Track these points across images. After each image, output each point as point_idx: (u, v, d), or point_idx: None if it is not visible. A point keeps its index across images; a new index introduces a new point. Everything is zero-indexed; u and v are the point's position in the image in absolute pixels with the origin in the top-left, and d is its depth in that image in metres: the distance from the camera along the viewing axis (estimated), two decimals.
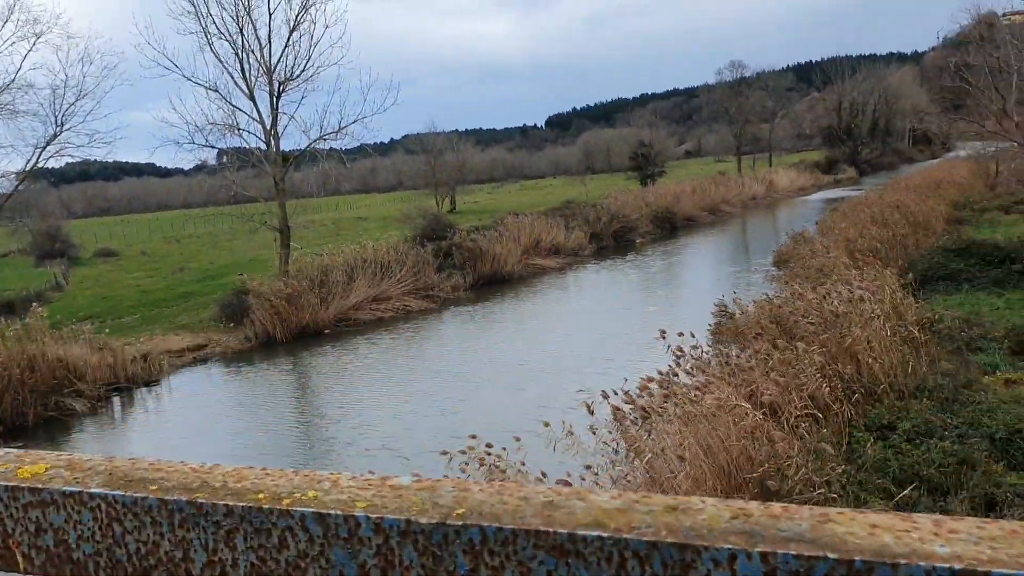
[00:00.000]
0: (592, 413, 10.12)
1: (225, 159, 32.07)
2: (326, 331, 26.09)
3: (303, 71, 25.74)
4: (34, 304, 22.82)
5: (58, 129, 23.89)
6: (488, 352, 21.58)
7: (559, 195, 76.91)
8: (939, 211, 31.05)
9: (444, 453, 9.03)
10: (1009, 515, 7.35)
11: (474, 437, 9.05)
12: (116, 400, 20.30)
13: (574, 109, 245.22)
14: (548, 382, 17.97)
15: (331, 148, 26.48)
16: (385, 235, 44.41)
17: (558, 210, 47.34)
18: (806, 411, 8.97)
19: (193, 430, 17.25)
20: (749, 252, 37.84)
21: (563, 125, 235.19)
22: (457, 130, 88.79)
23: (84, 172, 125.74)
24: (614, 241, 42.85)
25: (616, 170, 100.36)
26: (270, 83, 25.74)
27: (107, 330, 23.78)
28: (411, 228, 41.81)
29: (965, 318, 14.94)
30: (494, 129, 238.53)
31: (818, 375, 9.50)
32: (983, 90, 20.96)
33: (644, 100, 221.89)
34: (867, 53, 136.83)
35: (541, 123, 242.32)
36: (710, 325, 18.03)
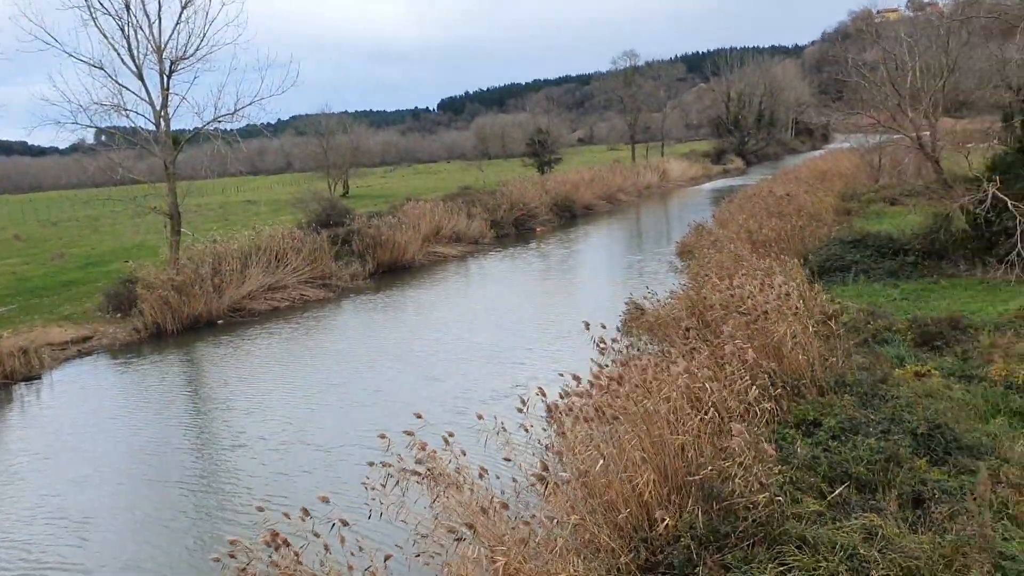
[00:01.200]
0: (523, 409, 9.86)
1: (103, 138, 30.31)
2: (219, 321, 25.03)
3: (196, 50, 24.46)
4: None
5: None
6: (397, 342, 21.01)
7: (454, 180, 76.37)
8: (828, 202, 32.08)
9: (382, 436, 8.64)
10: (936, 511, 7.44)
11: (411, 434, 8.67)
12: None
13: (467, 93, 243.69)
14: (465, 372, 17.69)
15: (226, 129, 25.21)
16: (277, 220, 43.02)
17: (457, 196, 46.84)
18: (740, 409, 8.92)
19: (82, 427, 16.14)
20: (649, 241, 38.30)
21: (456, 109, 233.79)
22: (347, 112, 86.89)
23: None
24: (515, 229, 42.80)
25: (511, 155, 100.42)
26: (160, 62, 24.34)
27: None
28: (305, 213, 40.62)
29: (869, 310, 15.31)
30: (385, 111, 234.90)
31: (746, 372, 9.46)
32: (879, 85, 21.61)
33: (537, 86, 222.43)
34: (751, 45, 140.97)
35: (433, 106, 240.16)
36: (621, 315, 18.00)
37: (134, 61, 24.04)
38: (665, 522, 7.33)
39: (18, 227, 56.71)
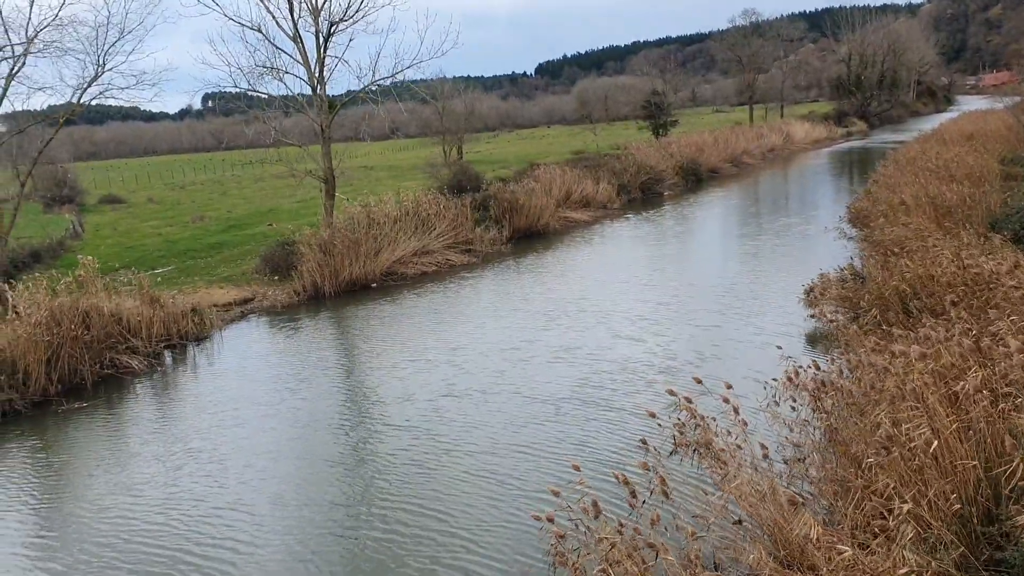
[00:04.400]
0: (794, 383, 9.34)
1: (210, 104, 30.64)
2: (373, 285, 25.11)
3: (357, 11, 24.22)
4: (81, 256, 21.58)
5: (99, 69, 22.35)
6: (563, 305, 20.55)
7: (563, 144, 75.69)
8: (991, 167, 30.27)
9: (671, 393, 8.35)
10: None
11: (688, 400, 8.29)
12: (168, 357, 19.28)
13: (564, 56, 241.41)
14: (658, 332, 17.27)
15: (386, 89, 25.00)
16: (400, 186, 43.19)
17: (582, 160, 46.15)
18: None
19: (259, 389, 16.17)
20: (799, 206, 36.85)
21: (553, 73, 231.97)
22: (445, 77, 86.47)
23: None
24: (641, 194, 41.91)
25: (615, 119, 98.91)
26: (316, 23, 24.25)
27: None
28: (435, 179, 40.56)
29: None
30: (482, 76, 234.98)
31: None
32: None
33: (636, 48, 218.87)
34: (861, 4, 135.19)
35: (531, 71, 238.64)
36: (805, 287, 17.22)
37: (293, 24, 24.02)
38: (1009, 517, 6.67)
39: (146, 190, 58.58)
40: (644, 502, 7.61)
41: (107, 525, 10.77)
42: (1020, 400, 7.53)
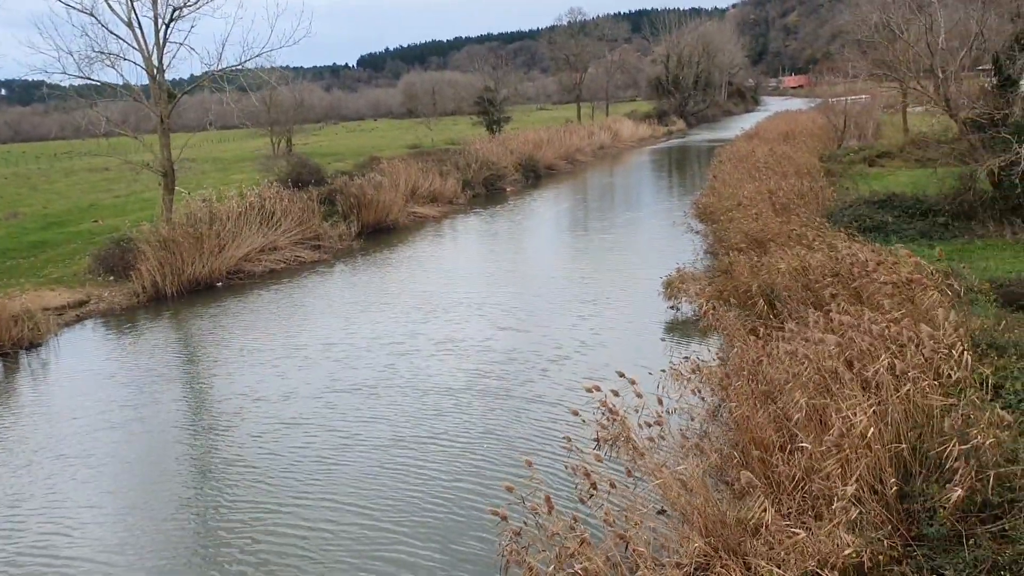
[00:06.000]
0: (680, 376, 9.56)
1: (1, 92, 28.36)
2: (219, 284, 23.87)
3: None
4: None
5: None
6: (421, 301, 20.24)
7: (394, 138, 74.83)
8: (814, 163, 32.42)
9: (590, 390, 8.42)
10: None
11: (596, 390, 8.30)
12: None
13: (387, 49, 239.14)
14: (552, 325, 17.30)
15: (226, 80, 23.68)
16: (231, 179, 41.37)
17: (421, 155, 45.78)
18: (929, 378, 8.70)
19: (104, 401, 14.72)
20: (639, 201, 38.05)
21: (376, 66, 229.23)
22: (274, 67, 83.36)
23: None
24: (484, 189, 42.06)
25: (442, 114, 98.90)
26: (154, 8, 22.65)
27: None
28: (270, 172, 39.07)
29: (946, 271, 15.38)
30: (302, 67, 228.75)
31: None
32: (912, 44, 21.64)
33: (459, 44, 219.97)
34: (672, 6, 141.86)
35: (352, 63, 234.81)
36: (666, 282, 17.73)
37: (130, 7, 22.32)
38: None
39: None
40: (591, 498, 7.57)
41: None
42: (925, 382, 8.04)
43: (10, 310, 19.00)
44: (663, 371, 10.56)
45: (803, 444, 7.63)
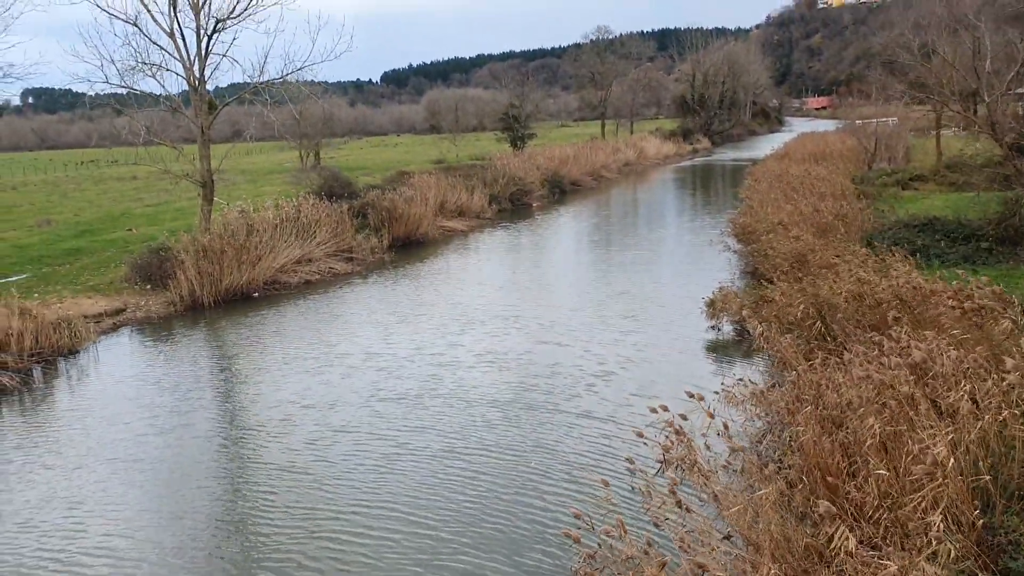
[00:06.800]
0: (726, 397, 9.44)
1: (30, 100, 28.56)
2: (255, 294, 23.93)
3: (246, 9, 22.95)
4: None
5: None
6: (477, 313, 20.13)
7: (418, 153, 75.28)
8: (847, 185, 32.23)
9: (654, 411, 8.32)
10: None
11: (666, 410, 8.22)
12: (39, 373, 17.60)
13: (410, 66, 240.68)
14: (594, 340, 17.09)
15: (266, 92, 23.83)
16: (261, 191, 41.64)
17: (449, 170, 45.94)
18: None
19: (151, 407, 14.75)
20: (669, 218, 38.00)
21: (399, 82, 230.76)
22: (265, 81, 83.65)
23: None
24: (511, 204, 42.12)
25: (465, 130, 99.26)
26: (196, 19, 22.82)
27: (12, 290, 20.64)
28: (302, 184, 39.32)
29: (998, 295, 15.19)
30: (326, 82, 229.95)
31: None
32: (956, 68, 21.52)
33: (482, 61, 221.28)
34: (695, 26, 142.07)
35: (376, 79, 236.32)
36: (708, 301, 17.60)
37: (176, 20, 22.49)
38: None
39: None
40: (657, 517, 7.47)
41: None
42: (1007, 412, 7.89)
43: (50, 317, 19.11)
44: (716, 393, 10.49)
45: (879, 471, 7.48)
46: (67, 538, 9.98)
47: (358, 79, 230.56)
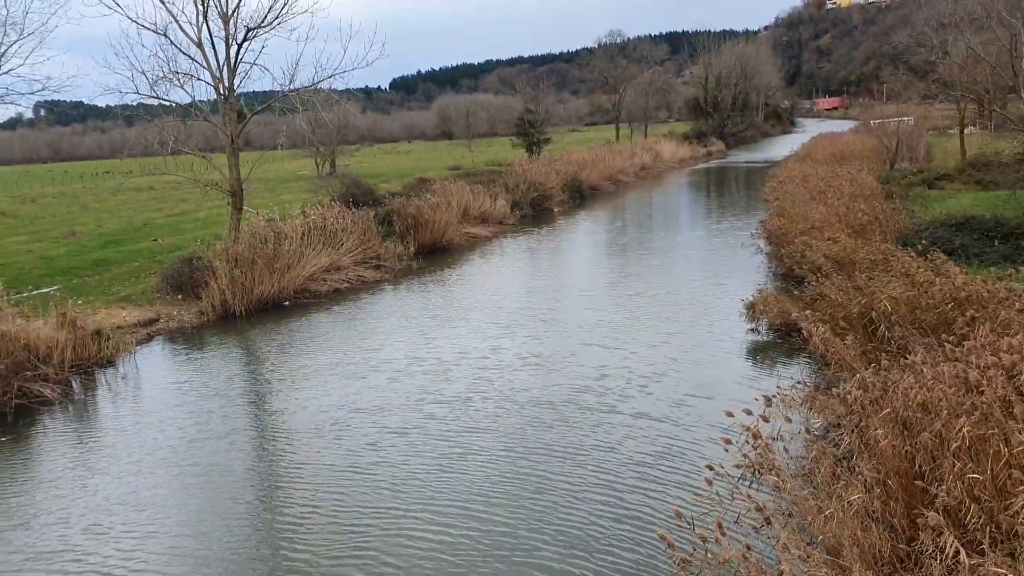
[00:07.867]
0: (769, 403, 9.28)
1: (42, 112, 28.58)
2: (286, 303, 23.88)
3: (276, 18, 22.95)
4: None
5: None
6: (517, 317, 19.93)
7: (433, 159, 75.37)
8: (874, 185, 32.03)
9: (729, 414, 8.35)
10: None
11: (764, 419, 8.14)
12: (77, 384, 17.55)
13: (419, 72, 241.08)
14: (639, 342, 16.95)
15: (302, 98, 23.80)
16: (280, 199, 41.65)
17: (467, 176, 45.90)
18: None
19: (198, 413, 14.73)
20: (693, 221, 37.82)
21: (408, 88, 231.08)
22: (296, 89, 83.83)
23: None
24: (532, 210, 42.02)
25: (475, 135, 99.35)
26: (225, 28, 22.80)
27: (31, 302, 20.60)
28: (322, 192, 39.30)
29: None
30: (334, 89, 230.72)
31: None
32: (994, 66, 21.35)
33: (491, 66, 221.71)
34: (703, 28, 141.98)
35: (385, 85, 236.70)
36: (748, 304, 17.42)
37: (207, 28, 22.51)
38: None
39: None
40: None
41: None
42: None
43: (88, 328, 19.08)
44: (773, 396, 10.33)
45: (973, 475, 7.34)
46: (140, 540, 10.00)
47: (367, 86, 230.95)
